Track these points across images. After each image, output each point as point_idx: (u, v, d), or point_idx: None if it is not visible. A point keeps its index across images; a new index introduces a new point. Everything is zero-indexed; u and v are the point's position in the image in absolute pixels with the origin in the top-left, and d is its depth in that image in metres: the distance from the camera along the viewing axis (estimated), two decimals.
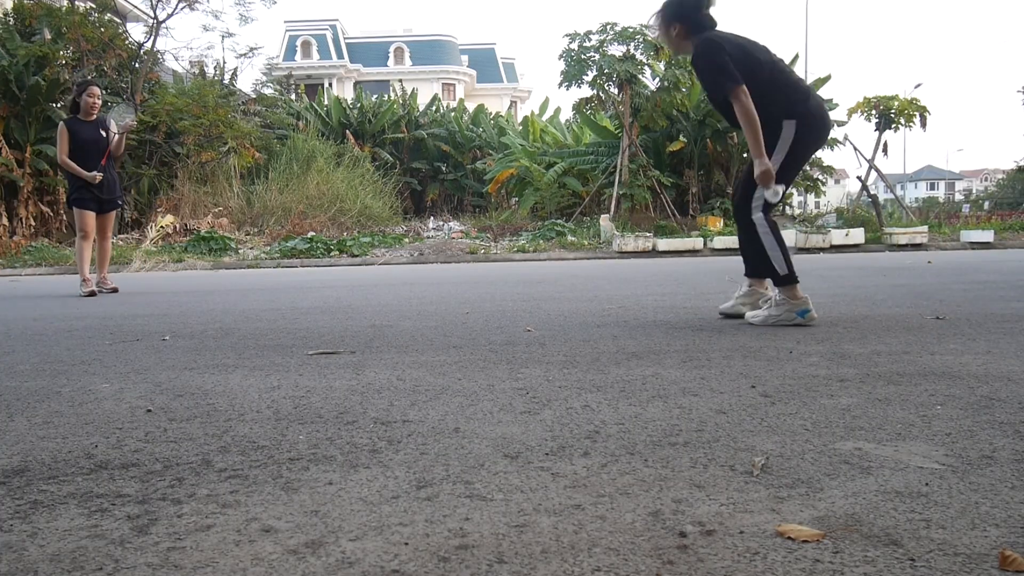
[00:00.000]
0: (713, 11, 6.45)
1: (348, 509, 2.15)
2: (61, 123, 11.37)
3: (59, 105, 25.15)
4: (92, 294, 11.16)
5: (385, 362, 4.59)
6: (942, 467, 2.40)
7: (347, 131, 37.46)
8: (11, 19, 25.99)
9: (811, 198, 35.93)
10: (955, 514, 2.02)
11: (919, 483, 2.25)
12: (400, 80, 48.64)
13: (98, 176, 11.23)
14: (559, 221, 26.22)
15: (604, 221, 24.25)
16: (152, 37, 29.47)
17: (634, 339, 5.29)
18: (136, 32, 34.26)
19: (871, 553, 1.80)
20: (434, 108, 41.90)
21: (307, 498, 2.25)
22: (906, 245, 22.38)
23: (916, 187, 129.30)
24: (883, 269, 13.03)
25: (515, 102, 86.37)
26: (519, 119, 45.27)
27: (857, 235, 22.74)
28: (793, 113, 6.20)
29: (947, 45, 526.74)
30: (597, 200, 28.01)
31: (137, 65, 28.34)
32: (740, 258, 6.59)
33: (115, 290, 11.75)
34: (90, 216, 11.55)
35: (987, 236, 22.76)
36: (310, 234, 23.91)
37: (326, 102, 40.83)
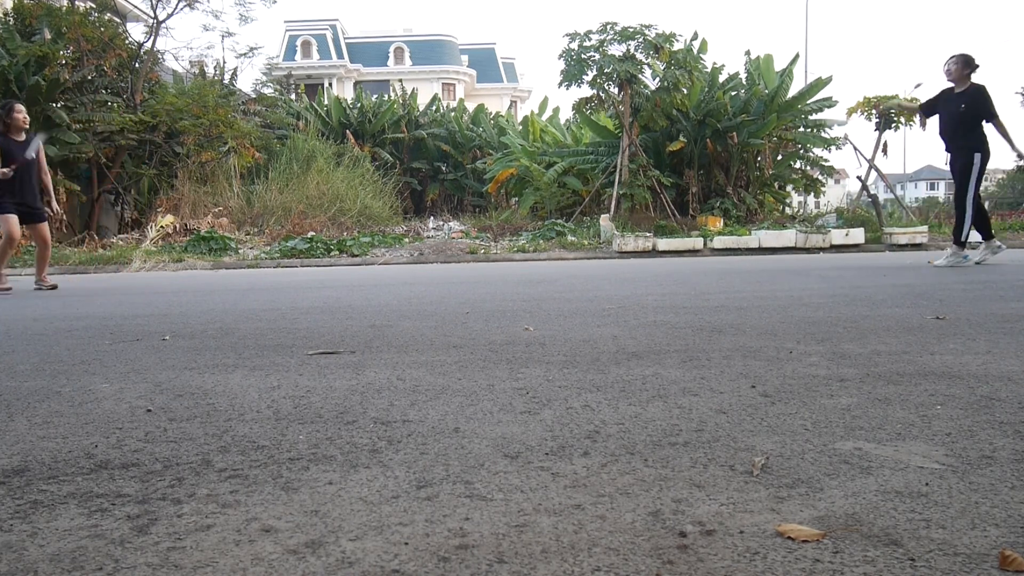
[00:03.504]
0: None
1: (348, 509, 2.15)
2: None
3: (59, 105, 25.19)
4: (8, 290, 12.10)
5: (385, 362, 4.59)
6: (942, 467, 2.40)
7: (347, 131, 37.55)
8: (11, 19, 26.05)
9: (811, 198, 35.92)
10: (955, 514, 2.02)
11: (919, 483, 2.26)
12: (400, 80, 48.66)
13: (8, 172, 11.81)
14: (559, 221, 26.27)
15: (604, 221, 24.26)
16: (152, 37, 29.52)
17: (634, 339, 5.29)
18: (136, 32, 34.34)
19: (871, 553, 1.80)
20: (434, 108, 41.99)
21: (307, 498, 2.25)
22: (906, 245, 22.42)
23: (916, 187, 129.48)
24: (883, 269, 13.04)
25: (515, 102, 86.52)
26: (519, 119, 45.29)
27: (857, 235, 22.77)
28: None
29: (947, 46, 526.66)
30: (597, 200, 28.05)
31: (137, 65, 28.39)
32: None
33: (54, 287, 12.52)
34: (13, 219, 12.29)
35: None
36: (310, 234, 23.94)
37: (326, 102, 40.88)
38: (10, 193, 12.00)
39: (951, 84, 13.33)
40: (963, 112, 13.02)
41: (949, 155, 13.46)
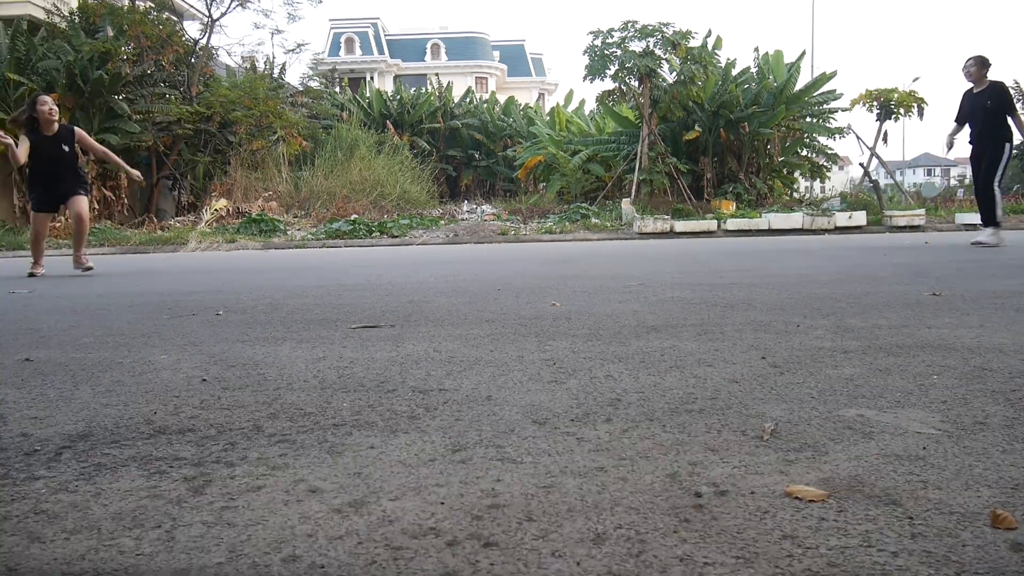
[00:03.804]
0: None
1: (388, 471, 2.15)
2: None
3: (121, 97, 25.34)
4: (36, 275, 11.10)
5: (423, 335, 4.59)
6: (938, 432, 2.39)
7: (387, 121, 37.68)
8: (76, 17, 26.30)
9: (817, 183, 35.83)
10: (950, 476, 2.02)
11: (917, 447, 2.25)
12: (436, 74, 48.59)
13: (20, 157, 11.01)
14: (583, 204, 26.32)
15: (625, 204, 24.34)
16: (207, 34, 29.79)
17: (653, 314, 5.28)
18: (192, 29, 34.39)
19: (872, 512, 1.79)
20: (468, 100, 42.10)
21: (350, 461, 2.25)
22: (905, 227, 22.42)
23: (914, 173, 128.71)
24: (884, 249, 13.02)
25: (543, 94, 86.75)
26: (547, 110, 45.36)
27: (859, 218, 22.75)
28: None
29: (944, 40, 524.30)
30: (619, 185, 28.13)
31: (193, 60, 28.65)
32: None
33: (90, 268, 11.57)
34: (43, 218, 11.55)
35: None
36: (353, 216, 23.98)
37: (368, 94, 41.02)
38: (43, 186, 11.21)
39: (970, 84, 13.39)
40: (989, 108, 13.11)
41: (974, 147, 13.50)
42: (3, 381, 3.51)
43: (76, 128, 11.48)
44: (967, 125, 13.51)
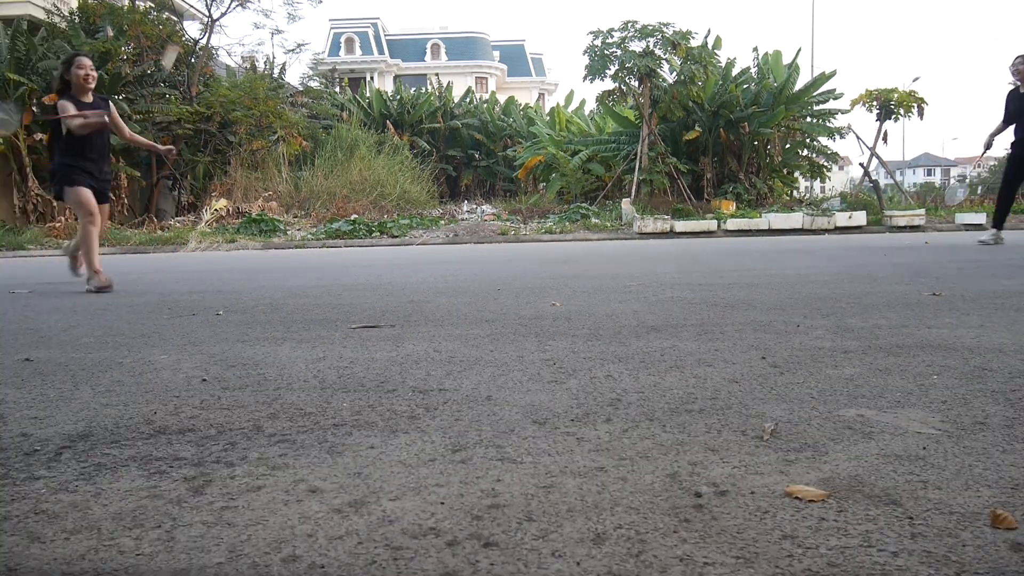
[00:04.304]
0: None
1: (388, 471, 2.16)
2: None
3: (121, 97, 25.34)
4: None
5: (423, 335, 4.59)
6: (938, 432, 2.39)
7: (387, 121, 37.61)
8: (76, 17, 26.27)
9: (817, 183, 35.82)
10: (950, 476, 2.02)
11: (917, 447, 2.25)
12: (436, 74, 48.51)
13: (90, 120, 8.42)
14: (583, 204, 26.30)
15: (625, 204, 24.33)
16: (207, 34, 29.74)
17: (653, 314, 5.28)
18: (192, 29, 34.39)
19: (872, 512, 1.79)
20: (468, 100, 42.02)
21: (350, 461, 2.25)
22: (905, 227, 22.43)
23: (914, 173, 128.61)
24: (884, 249, 13.01)
25: (543, 94, 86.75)
26: (547, 110, 45.32)
27: (860, 218, 22.75)
28: None
29: (944, 40, 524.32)
30: (619, 185, 28.12)
31: (193, 60, 28.56)
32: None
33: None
34: (87, 192, 8.54)
35: (979, 218, 22.80)
36: (353, 216, 23.95)
37: (368, 94, 40.96)
38: (84, 159, 8.53)
39: (1016, 84, 13.21)
40: None
41: (1014, 148, 13.35)
42: (3, 381, 3.51)
43: (111, 102, 9.26)
44: (1014, 125, 13.33)
